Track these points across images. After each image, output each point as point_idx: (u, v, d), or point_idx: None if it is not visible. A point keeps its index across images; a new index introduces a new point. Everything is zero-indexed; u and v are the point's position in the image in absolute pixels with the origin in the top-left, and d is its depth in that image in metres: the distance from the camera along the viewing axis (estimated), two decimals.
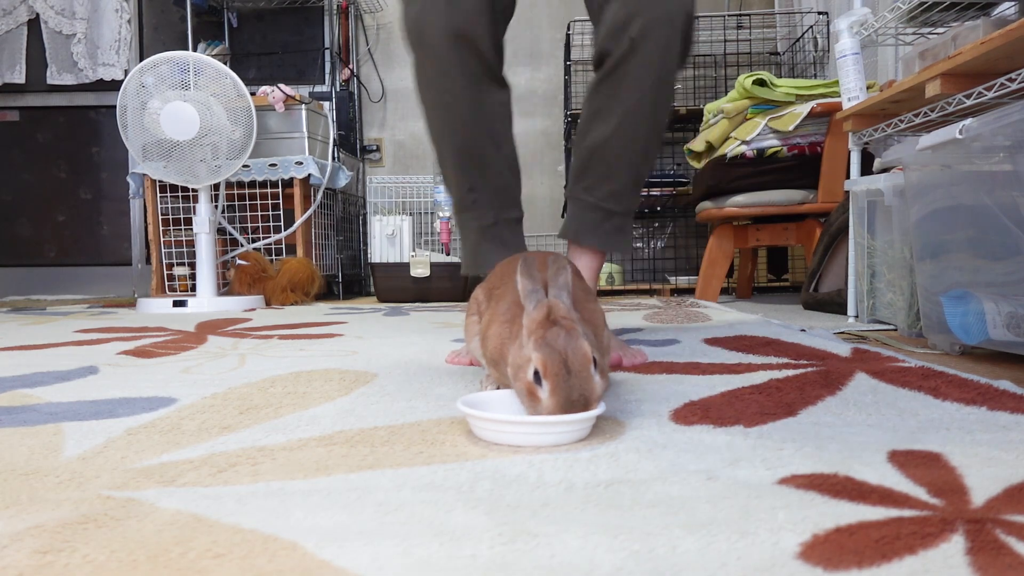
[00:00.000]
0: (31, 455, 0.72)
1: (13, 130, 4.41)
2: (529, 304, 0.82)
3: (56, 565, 0.47)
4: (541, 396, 0.77)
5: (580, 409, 0.76)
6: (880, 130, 1.82)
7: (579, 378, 0.77)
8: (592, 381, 0.78)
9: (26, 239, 4.46)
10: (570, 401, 0.76)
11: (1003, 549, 0.47)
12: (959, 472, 0.62)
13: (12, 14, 4.25)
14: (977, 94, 1.40)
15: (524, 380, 0.78)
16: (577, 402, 0.76)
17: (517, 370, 0.80)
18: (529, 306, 0.82)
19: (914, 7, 1.65)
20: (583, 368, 0.77)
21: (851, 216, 1.85)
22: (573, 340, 0.79)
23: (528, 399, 0.78)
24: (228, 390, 1.05)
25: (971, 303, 1.19)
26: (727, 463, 0.66)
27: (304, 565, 0.46)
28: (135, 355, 1.45)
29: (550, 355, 0.77)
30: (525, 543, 0.49)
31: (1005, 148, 1.13)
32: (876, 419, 0.82)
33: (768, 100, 2.58)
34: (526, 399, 0.78)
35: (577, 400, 0.76)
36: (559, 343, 0.78)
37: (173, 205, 3.35)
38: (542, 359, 0.77)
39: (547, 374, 0.76)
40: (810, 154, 2.56)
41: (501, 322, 0.88)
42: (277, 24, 4.26)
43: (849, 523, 0.51)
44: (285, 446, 0.74)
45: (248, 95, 2.77)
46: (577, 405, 0.76)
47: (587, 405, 0.76)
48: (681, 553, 0.47)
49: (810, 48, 3.55)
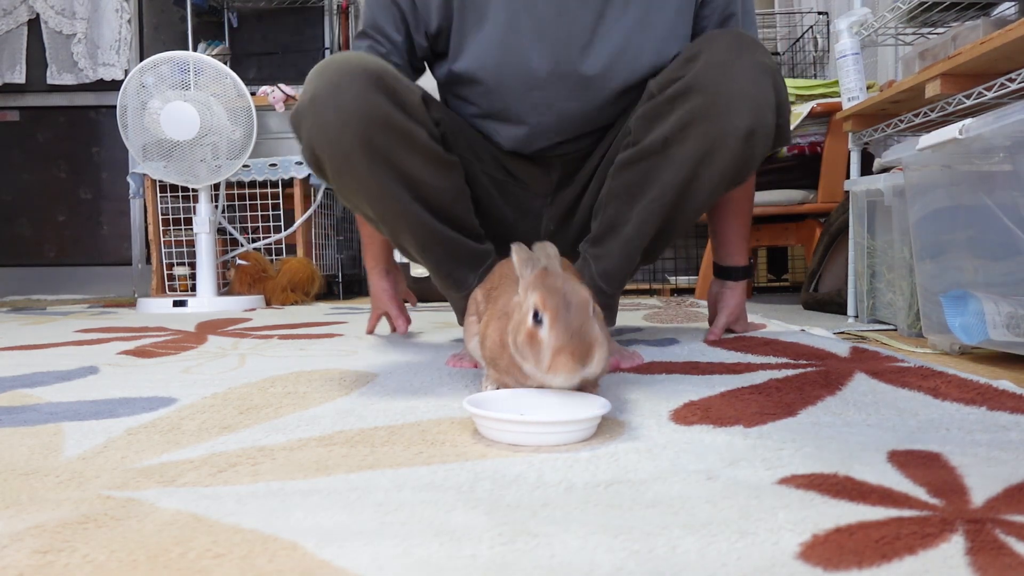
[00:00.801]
0: (31, 455, 0.72)
1: (13, 130, 4.41)
2: (526, 270, 0.83)
3: (56, 565, 0.47)
4: (541, 335, 0.77)
5: (581, 343, 0.75)
6: (880, 130, 1.83)
7: (579, 312, 0.77)
8: (592, 322, 0.79)
9: (26, 239, 4.46)
10: (570, 331, 0.76)
11: (1003, 549, 0.47)
12: (959, 472, 0.62)
13: (12, 14, 4.25)
14: (977, 94, 1.40)
15: (524, 329, 0.78)
16: (577, 333, 0.76)
17: (517, 327, 0.80)
18: (526, 272, 0.83)
19: (914, 7, 1.65)
20: (582, 306, 0.78)
21: (851, 216, 1.85)
22: (571, 283, 0.80)
23: (529, 346, 0.78)
24: (228, 390, 1.05)
25: (971, 303, 1.19)
26: (727, 463, 0.66)
27: (304, 565, 0.46)
28: (135, 355, 1.45)
29: (548, 292, 0.78)
30: (525, 543, 0.49)
31: (1005, 148, 1.13)
32: (876, 419, 0.82)
33: None
34: (527, 348, 0.78)
35: (577, 331, 0.76)
36: (557, 284, 0.79)
37: (173, 205, 3.35)
38: (540, 295, 0.78)
39: (546, 307, 0.77)
40: (810, 154, 2.56)
41: (499, 319, 0.88)
42: (277, 24, 4.26)
43: (849, 523, 0.51)
44: (285, 446, 0.74)
45: (248, 95, 2.77)
46: (577, 337, 0.76)
47: (588, 341, 0.76)
48: (681, 553, 0.47)
49: (810, 48, 3.55)
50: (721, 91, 1.15)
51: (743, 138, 1.16)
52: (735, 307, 1.56)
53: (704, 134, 1.17)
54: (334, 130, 1.16)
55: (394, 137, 1.18)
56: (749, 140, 1.17)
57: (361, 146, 1.17)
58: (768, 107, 1.17)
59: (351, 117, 1.15)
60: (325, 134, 1.17)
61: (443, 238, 1.30)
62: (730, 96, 1.14)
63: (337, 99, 1.15)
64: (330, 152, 1.18)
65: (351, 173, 1.20)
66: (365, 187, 1.22)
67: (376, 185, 1.21)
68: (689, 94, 1.18)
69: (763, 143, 1.20)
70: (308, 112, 1.18)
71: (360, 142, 1.16)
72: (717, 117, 1.15)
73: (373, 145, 1.17)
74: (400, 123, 1.19)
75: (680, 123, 1.18)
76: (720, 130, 1.16)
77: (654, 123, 1.22)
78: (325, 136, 1.17)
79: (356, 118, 1.15)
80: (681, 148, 1.19)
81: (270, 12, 4.22)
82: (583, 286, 0.82)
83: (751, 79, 1.15)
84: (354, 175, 1.20)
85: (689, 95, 1.18)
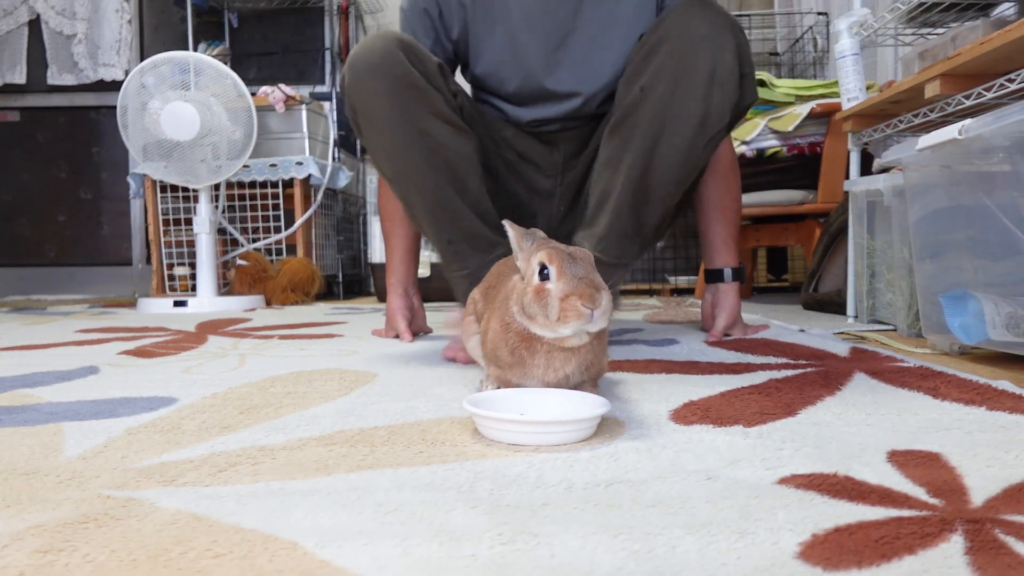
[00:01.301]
0: (31, 455, 0.72)
1: (13, 130, 4.41)
2: (525, 243, 0.85)
3: (56, 565, 0.47)
4: (548, 287, 0.79)
5: (588, 287, 0.78)
6: (880, 130, 1.83)
7: (584, 264, 0.80)
8: (596, 272, 0.81)
9: (26, 239, 4.46)
10: (577, 279, 0.78)
11: (1002, 549, 0.47)
12: (958, 472, 0.62)
13: (13, 14, 4.26)
14: (976, 95, 1.40)
15: (531, 288, 0.80)
16: (584, 280, 0.78)
17: (523, 291, 0.82)
18: (526, 244, 0.85)
19: (913, 7, 1.65)
20: (587, 259, 0.81)
21: (850, 216, 1.85)
22: (574, 246, 0.83)
23: (537, 301, 0.79)
24: (228, 390, 1.05)
25: (970, 303, 1.19)
26: (727, 463, 0.66)
27: (304, 565, 0.46)
28: (135, 355, 1.45)
29: (553, 249, 0.81)
30: (525, 543, 0.49)
31: (1004, 148, 1.13)
32: (875, 419, 0.82)
33: (768, 100, 2.58)
34: (535, 304, 0.80)
35: (583, 278, 0.78)
36: (559, 245, 0.82)
37: (173, 205, 3.35)
38: (546, 252, 0.80)
39: (552, 260, 0.79)
40: (810, 154, 2.56)
41: (500, 308, 0.89)
42: (277, 24, 4.26)
43: (848, 523, 0.51)
44: (285, 446, 0.74)
45: (248, 95, 2.77)
46: (584, 283, 0.77)
47: (595, 286, 0.78)
48: (681, 553, 0.47)
49: (810, 48, 3.55)
50: (683, 37, 1.28)
51: (706, 77, 1.27)
52: (731, 309, 1.57)
53: (672, 78, 1.28)
54: (362, 81, 1.33)
55: (414, 94, 1.32)
56: (711, 80, 1.27)
57: (385, 96, 1.31)
58: (728, 49, 1.28)
59: (377, 70, 1.31)
60: (355, 85, 1.34)
61: (452, 208, 1.37)
62: (691, 41, 1.27)
63: (369, 57, 1.32)
64: (358, 101, 1.34)
65: (374, 124, 1.34)
66: (386, 139, 1.34)
67: (393, 137, 1.33)
68: (659, 46, 1.31)
69: (727, 86, 1.29)
70: (348, 70, 1.35)
71: (384, 92, 1.31)
72: (681, 59, 1.28)
73: (394, 97, 1.31)
74: (420, 84, 1.32)
75: (653, 72, 1.30)
76: (684, 69, 1.27)
77: (631, 81, 1.34)
78: (356, 86, 1.34)
79: (381, 72, 1.31)
80: (653, 94, 1.30)
81: (270, 12, 4.22)
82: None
83: (709, 24, 1.28)
84: (376, 125, 1.34)
85: (659, 47, 1.31)
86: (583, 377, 0.88)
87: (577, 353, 0.85)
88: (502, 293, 0.90)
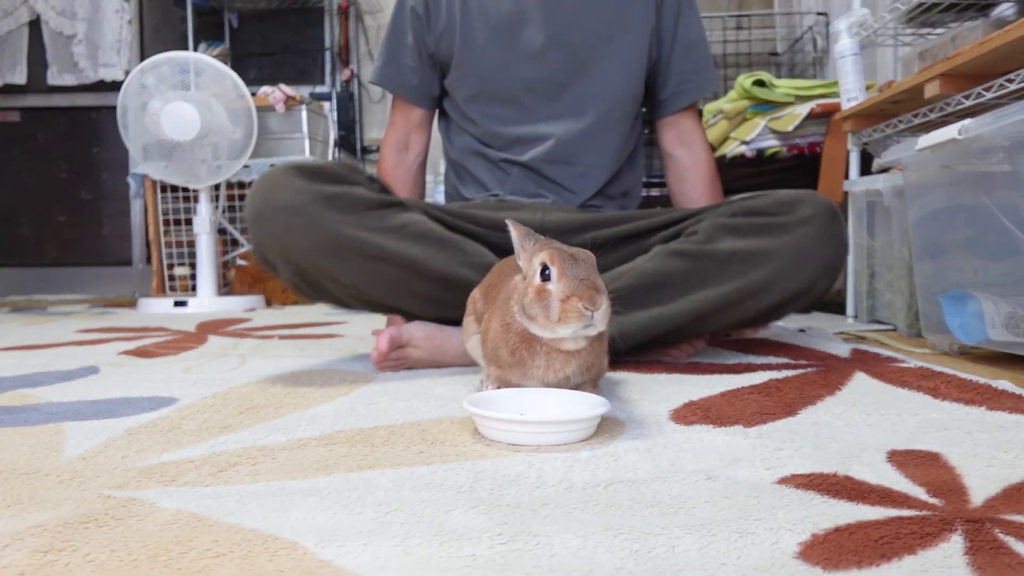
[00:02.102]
0: (32, 455, 0.72)
1: (14, 130, 4.41)
2: (528, 243, 0.85)
3: (57, 564, 0.47)
4: (550, 287, 0.79)
5: (588, 289, 0.78)
6: (879, 130, 1.83)
7: (586, 266, 0.80)
8: (598, 274, 0.81)
9: (27, 239, 4.46)
10: (578, 280, 0.79)
11: (1002, 549, 0.47)
12: (958, 472, 0.62)
13: (13, 15, 4.26)
14: (976, 94, 1.40)
15: (532, 288, 0.81)
16: (585, 281, 0.78)
17: (524, 291, 0.82)
18: (528, 243, 0.85)
19: (913, 8, 1.65)
20: (589, 261, 0.81)
21: (850, 216, 1.85)
22: (575, 247, 0.84)
23: (538, 301, 0.80)
24: (228, 390, 1.05)
25: (970, 303, 1.19)
26: (727, 463, 0.66)
27: (304, 565, 0.46)
28: (136, 355, 1.45)
29: (556, 250, 0.81)
30: (525, 543, 0.49)
31: (1004, 148, 1.13)
32: (875, 419, 0.82)
33: (767, 101, 2.58)
34: (536, 304, 0.80)
35: (585, 280, 0.79)
36: (561, 246, 0.82)
37: (174, 205, 3.35)
38: (548, 253, 0.81)
39: (554, 260, 0.80)
40: (809, 154, 2.56)
41: (501, 307, 0.89)
42: (277, 24, 4.26)
43: (848, 523, 0.51)
44: (285, 446, 0.74)
45: (249, 95, 2.77)
46: (584, 285, 0.78)
47: (595, 288, 0.78)
48: (681, 553, 0.47)
49: (809, 49, 3.55)
50: (802, 248, 1.18)
51: (805, 285, 1.20)
52: None
53: (766, 271, 1.18)
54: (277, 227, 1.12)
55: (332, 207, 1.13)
56: (797, 295, 1.20)
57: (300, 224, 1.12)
58: (832, 278, 1.23)
59: (287, 209, 1.12)
60: (271, 235, 1.13)
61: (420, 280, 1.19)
62: (807, 256, 1.18)
63: (269, 197, 1.13)
64: (279, 248, 1.14)
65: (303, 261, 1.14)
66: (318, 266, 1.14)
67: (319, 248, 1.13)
68: (773, 230, 1.20)
69: (807, 301, 1.23)
70: (251, 224, 1.16)
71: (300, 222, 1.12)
72: (789, 265, 1.18)
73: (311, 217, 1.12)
74: (331, 191, 1.14)
75: (753, 250, 1.19)
76: (788, 277, 1.18)
77: (725, 235, 1.21)
78: (271, 236, 1.13)
79: (285, 212, 1.12)
80: (744, 269, 1.18)
81: (270, 12, 4.22)
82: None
83: (836, 253, 1.21)
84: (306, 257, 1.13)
85: (773, 230, 1.20)
86: (584, 378, 0.88)
87: (577, 355, 0.85)
88: (503, 293, 0.90)
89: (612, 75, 1.42)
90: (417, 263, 1.15)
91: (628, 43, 1.42)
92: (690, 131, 1.52)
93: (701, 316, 1.18)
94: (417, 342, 1.18)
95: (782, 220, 1.20)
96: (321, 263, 1.14)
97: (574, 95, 1.41)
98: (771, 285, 1.18)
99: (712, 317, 1.19)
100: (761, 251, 1.18)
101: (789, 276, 1.18)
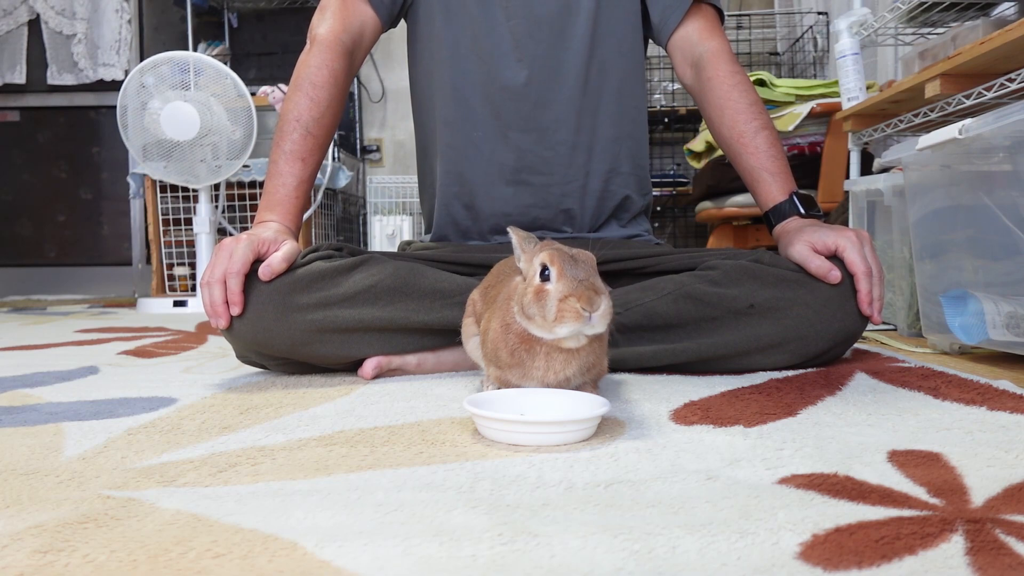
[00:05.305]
0: (31, 455, 0.72)
1: (13, 130, 4.41)
2: (528, 245, 0.86)
3: (56, 565, 0.47)
4: (548, 287, 0.79)
5: (587, 290, 0.78)
6: (880, 130, 1.83)
7: (585, 267, 0.80)
8: (597, 276, 0.81)
9: (26, 239, 4.46)
10: (577, 281, 0.78)
11: (1003, 549, 0.47)
12: (959, 472, 0.62)
13: (12, 14, 4.25)
14: (977, 94, 1.40)
15: (532, 289, 0.81)
16: (584, 282, 0.78)
17: (523, 292, 0.82)
18: (528, 246, 0.86)
19: (914, 7, 1.65)
20: (589, 262, 0.81)
21: (851, 216, 1.85)
22: (576, 248, 0.84)
23: (536, 302, 0.80)
24: (228, 390, 1.05)
25: (971, 303, 1.19)
26: (727, 463, 0.66)
27: (304, 565, 0.46)
28: (135, 355, 1.45)
29: (556, 250, 0.81)
30: (525, 543, 0.49)
31: (1005, 148, 1.13)
32: (876, 419, 0.82)
33: (768, 100, 2.57)
34: (535, 305, 0.80)
35: (584, 281, 0.78)
36: (562, 247, 0.83)
37: (173, 205, 3.35)
38: (548, 254, 0.81)
39: (553, 261, 0.79)
40: (810, 154, 2.56)
41: (501, 307, 0.89)
42: (277, 24, 4.26)
43: (849, 523, 0.51)
44: (285, 446, 0.74)
45: (248, 95, 2.77)
46: (583, 286, 0.78)
47: (594, 290, 0.78)
48: (681, 553, 0.47)
49: (810, 48, 3.55)
50: (823, 318, 1.12)
51: (807, 354, 1.13)
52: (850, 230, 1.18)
53: (782, 336, 1.12)
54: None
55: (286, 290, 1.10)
56: (810, 357, 1.14)
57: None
58: (838, 356, 1.19)
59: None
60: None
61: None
62: (825, 329, 1.12)
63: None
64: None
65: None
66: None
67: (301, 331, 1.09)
68: (798, 290, 1.13)
69: (816, 364, 1.17)
70: (231, 339, 1.14)
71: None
72: (804, 329, 1.12)
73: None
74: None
75: (772, 302, 1.12)
76: (798, 338, 1.12)
77: (746, 282, 1.13)
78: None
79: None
80: (758, 323, 1.12)
81: (270, 12, 4.22)
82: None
83: (853, 322, 1.13)
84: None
85: (797, 290, 1.13)
86: (584, 379, 0.88)
87: (577, 355, 0.84)
88: (503, 294, 0.90)
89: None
90: (393, 321, 1.11)
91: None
92: (704, 42, 1.31)
93: (705, 359, 1.13)
94: (409, 368, 1.15)
95: (808, 276, 1.13)
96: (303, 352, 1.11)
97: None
98: (785, 343, 1.12)
99: (716, 362, 1.13)
100: (780, 307, 1.11)
101: (804, 337, 1.12)
